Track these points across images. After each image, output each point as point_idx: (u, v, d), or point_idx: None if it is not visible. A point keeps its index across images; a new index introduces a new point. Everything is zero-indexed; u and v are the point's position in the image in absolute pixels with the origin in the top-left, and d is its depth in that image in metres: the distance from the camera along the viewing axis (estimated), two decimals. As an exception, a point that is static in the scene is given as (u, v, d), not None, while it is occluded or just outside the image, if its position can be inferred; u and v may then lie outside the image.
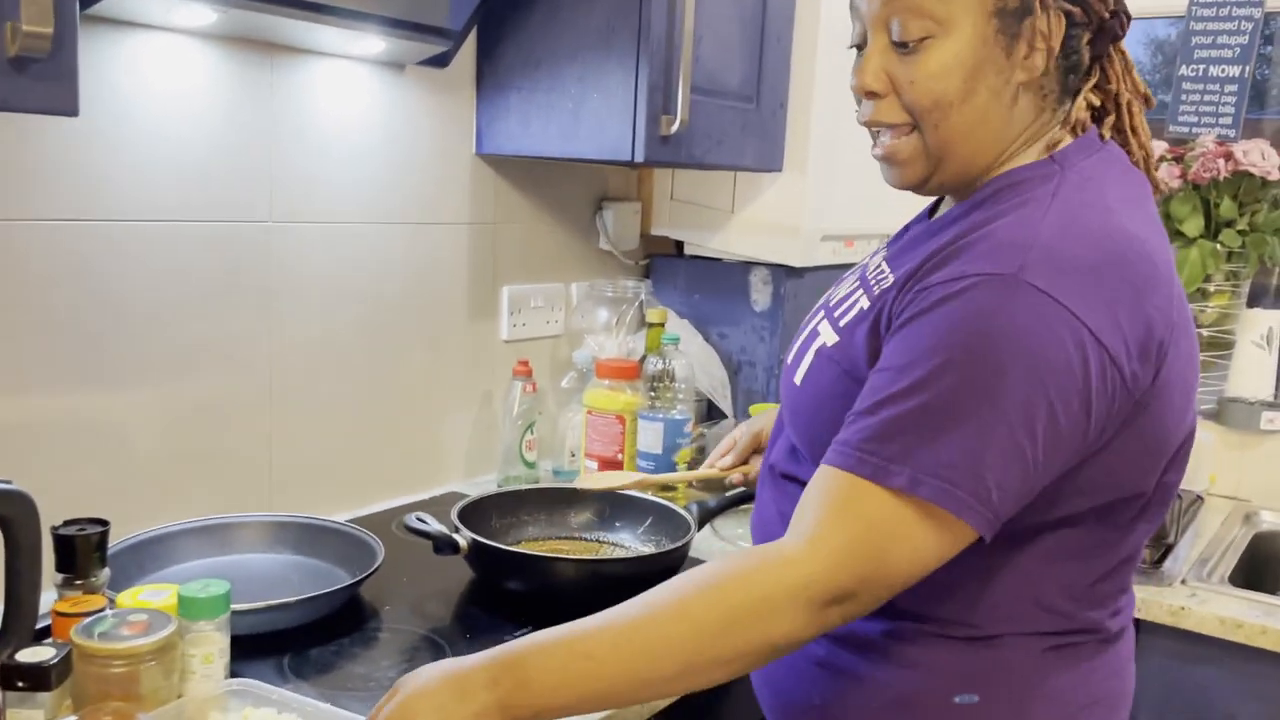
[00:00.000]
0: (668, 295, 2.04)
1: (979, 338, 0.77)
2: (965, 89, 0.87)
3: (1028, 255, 0.79)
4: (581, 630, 0.80)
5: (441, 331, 1.68)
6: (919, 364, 0.79)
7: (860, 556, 0.79)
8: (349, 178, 1.51)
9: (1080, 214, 0.84)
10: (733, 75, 1.65)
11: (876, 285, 0.92)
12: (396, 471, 1.65)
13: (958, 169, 0.91)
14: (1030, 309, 0.77)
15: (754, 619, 0.79)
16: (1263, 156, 1.83)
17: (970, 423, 0.77)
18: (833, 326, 0.95)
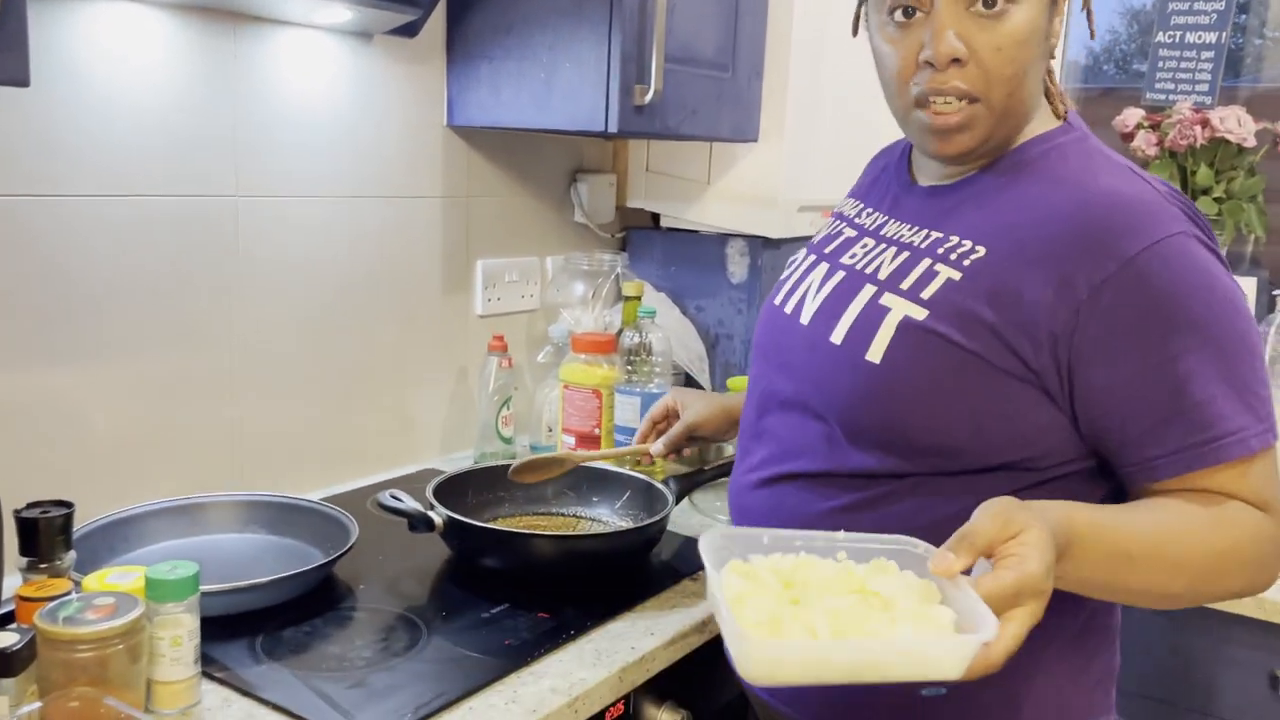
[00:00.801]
0: (644, 268, 2.02)
1: (1217, 290, 0.87)
2: (1033, 57, 0.91)
3: (1172, 210, 0.88)
4: (1127, 528, 0.84)
5: (415, 307, 1.66)
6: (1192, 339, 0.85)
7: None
8: (316, 151, 1.47)
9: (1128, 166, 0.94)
10: (707, 44, 1.62)
11: (955, 255, 0.93)
12: (370, 449, 1.63)
13: (1006, 135, 0.95)
14: (1209, 255, 0.88)
15: (1255, 566, 0.87)
16: (1239, 123, 1.82)
17: (1255, 361, 0.88)
18: (910, 299, 0.93)
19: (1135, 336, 0.86)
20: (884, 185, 1.10)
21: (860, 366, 0.93)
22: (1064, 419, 0.90)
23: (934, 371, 0.90)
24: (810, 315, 1.02)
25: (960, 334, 0.89)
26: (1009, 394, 0.89)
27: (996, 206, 0.94)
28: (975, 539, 0.75)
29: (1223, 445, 0.86)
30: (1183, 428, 0.86)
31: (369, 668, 1.04)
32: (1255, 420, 0.86)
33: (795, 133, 1.83)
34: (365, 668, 1.04)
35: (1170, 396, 0.86)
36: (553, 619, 1.15)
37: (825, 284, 1.03)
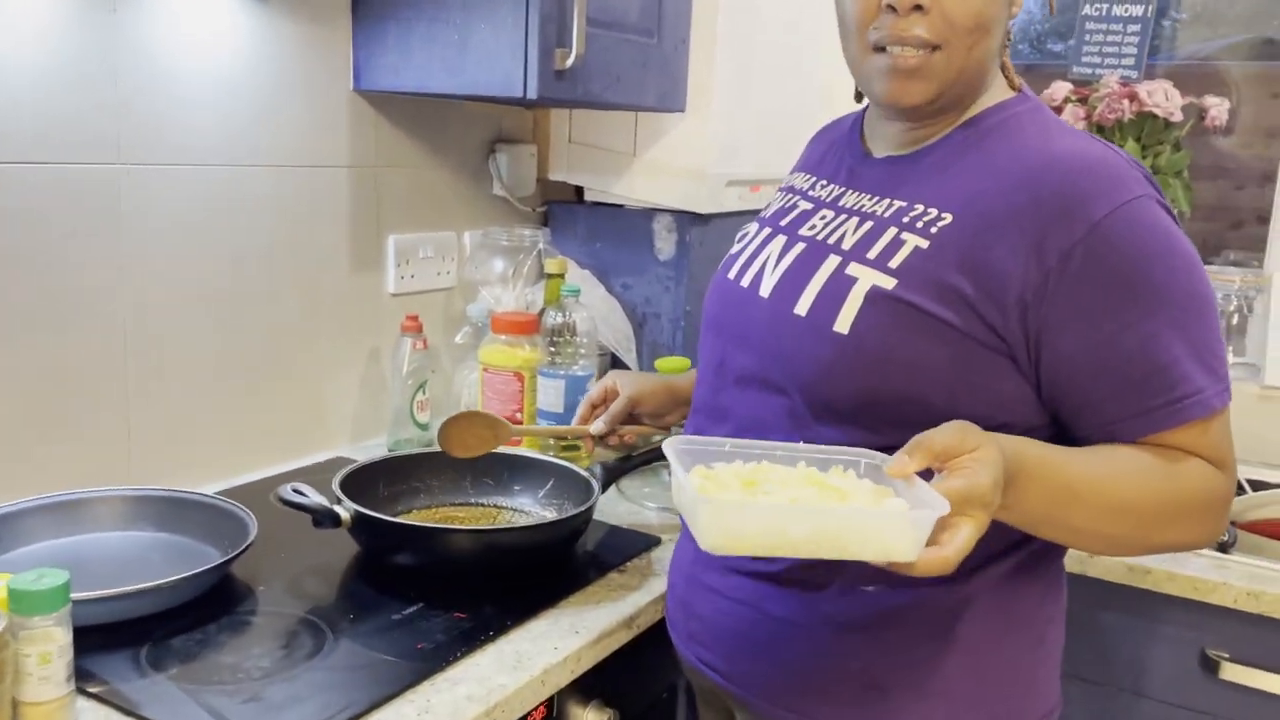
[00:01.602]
0: (567, 244, 1.94)
1: (1178, 254, 0.87)
2: (994, 15, 0.90)
3: (1133, 173, 0.88)
4: (1076, 465, 0.86)
5: (321, 284, 1.56)
6: (1155, 302, 0.86)
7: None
8: (209, 115, 1.36)
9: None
10: (631, 7, 1.54)
11: (921, 223, 0.92)
12: (274, 437, 1.52)
13: (962, 93, 0.94)
14: (1169, 219, 0.88)
15: (1201, 518, 0.89)
16: (1166, 97, 1.81)
17: (1212, 322, 0.88)
18: (877, 269, 0.92)
19: (1102, 301, 0.86)
20: (836, 158, 1.07)
21: (828, 337, 0.92)
22: (1028, 388, 0.91)
23: (905, 341, 0.89)
24: (770, 288, 0.99)
25: (932, 302, 0.88)
26: (979, 363, 0.89)
27: (959, 172, 0.93)
28: (932, 445, 0.79)
29: (1184, 406, 0.87)
30: (1145, 390, 0.87)
31: (267, 679, 0.95)
32: (1214, 380, 0.88)
33: (723, 104, 1.76)
34: (263, 679, 0.95)
35: (1134, 359, 0.86)
36: (469, 619, 1.07)
37: (785, 256, 1.00)
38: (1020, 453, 0.82)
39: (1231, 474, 0.90)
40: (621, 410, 1.26)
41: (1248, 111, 2.11)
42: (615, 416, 1.26)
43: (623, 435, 1.29)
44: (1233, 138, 2.10)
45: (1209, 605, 1.33)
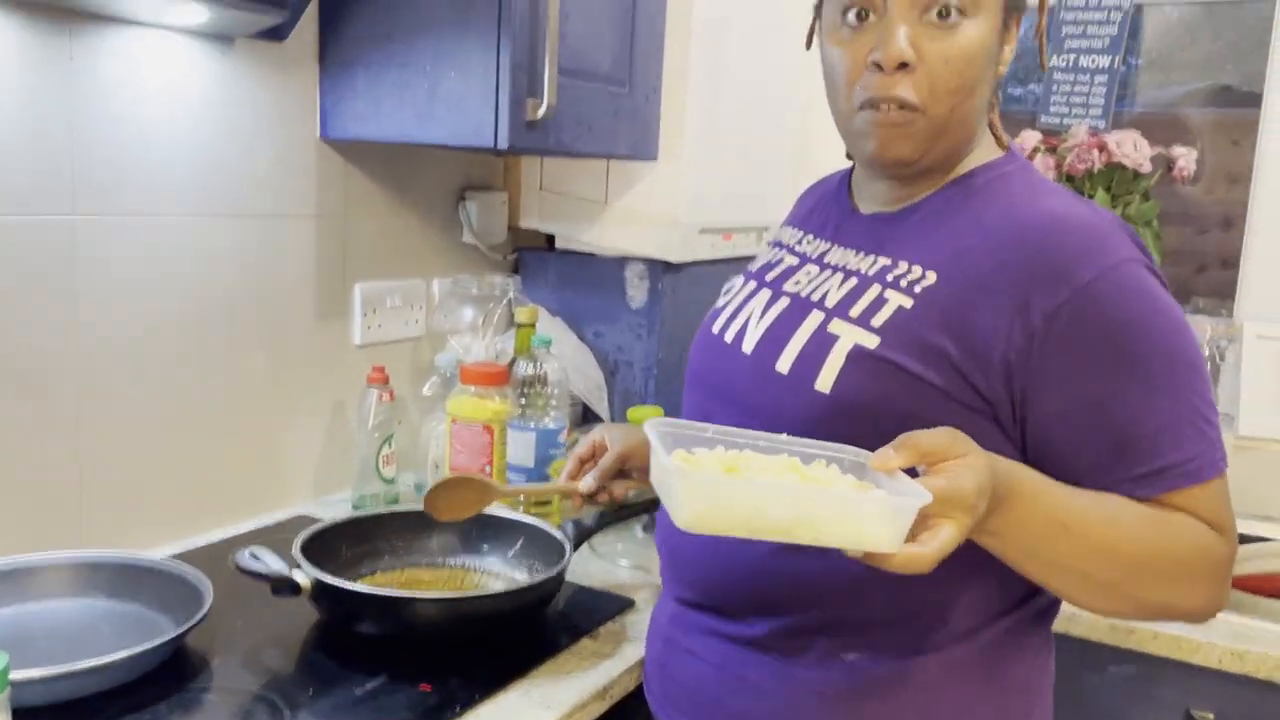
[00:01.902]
0: (538, 292, 1.91)
1: (1167, 316, 0.85)
2: (979, 74, 0.90)
3: (1121, 237, 0.87)
4: (1070, 500, 0.83)
5: (284, 335, 1.51)
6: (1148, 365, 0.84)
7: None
8: (170, 165, 1.32)
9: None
10: (603, 57, 1.53)
11: (905, 281, 0.90)
12: (234, 495, 1.47)
13: (947, 151, 0.93)
14: (1158, 283, 0.87)
15: (1197, 579, 0.85)
16: (1135, 148, 1.82)
17: (1205, 388, 0.86)
18: (860, 326, 0.90)
19: (1089, 364, 0.85)
20: (824, 213, 1.07)
21: (809, 396, 0.90)
22: (1012, 450, 0.88)
23: (887, 401, 0.87)
24: (753, 343, 0.98)
25: (915, 362, 0.87)
26: (964, 425, 0.85)
27: (945, 232, 0.92)
28: (919, 443, 0.76)
29: (1173, 474, 0.84)
30: (1133, 457, 0.85)
31: (220, 763, 0.90)
32: (1207, 446, 0.85)
33: (696, 153, 1.75)
34: None
35: (1120, 425, 0.85)
36: (435, 692, 1.02)
37: (768, 311, 0.99)
38: (1013, 475, 0.80)
39: (1231, 539, 0.87)
40: (612, 465, 1.20)
41: (1209, 157, 2.13)
42: (605, 472, 1.19)
43: (612, 492, 1.22)
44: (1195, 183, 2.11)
45: (1193, 665, 1.31)
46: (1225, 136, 2.15)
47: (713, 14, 1.73)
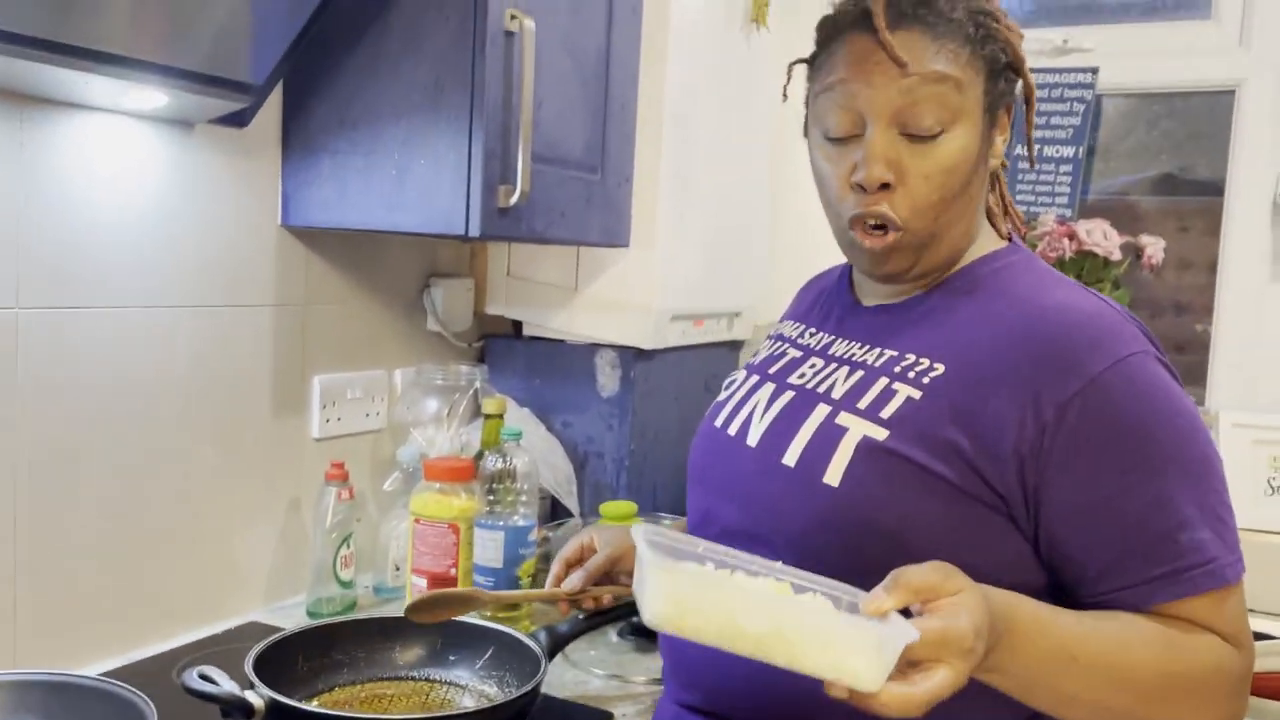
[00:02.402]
0: (504, 381, 1.85)
1: (1178, 416, 0.83)
2: (965, 181, 0.89)
3: (1130, 329, 0.86)
4: (1074, 628, 0.80)
5: (239, 431, 1.43)
6: (1158, 463, 0.81)
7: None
8: (123, 255, 1.26)
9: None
10: (575, 144, 1.50)
11: (914, 373, 0.88)
12: (180, 602, 1.37)
13: (944, 255, 0.92)
14: (1169, 376, 0.85)
15: (1212, 699, 0.82)
16: (1105, 236, 1.83)
17: (1221, 488, 0.84)
18: (869, 419, 0.87)
19: (1100, 458, 0.82)
20: (826, 306, 1.06)
21: (817, 489, 0.87)
22: (1027, 547, 0.86)
23: (897, 494, 0.84)
24: (758, 437, 0.95)
25: (925, 455, 0.84)
26: (976, 520, 0.84)
27: (952, 324, 0.90)
28: (910, 580, 0.73)
29: (1194, 576, 0.81)
30: (1151, 557, 0.82)
31: None
32: (1226, 550, 0.82)
33: (668, 238, 1.72)
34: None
35: (1138, 523, 0.82)
36: (402, 829, 0.94)
37: (773, 404, 0.96)
38: (1012, 608, 0.77)
39: (1249, 652, 0.83)
40: (599, 567, 1.13)
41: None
42: (592, 574, 1.13)
43: (599, 597, 1.15)
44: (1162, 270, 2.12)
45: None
46: (1174, 223, 2.17)
47: (684, 100, 1.72)
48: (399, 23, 1.33)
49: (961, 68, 0.89)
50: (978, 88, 0.90)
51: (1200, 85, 1.98)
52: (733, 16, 1.86)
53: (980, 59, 0.90)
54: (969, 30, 0.90)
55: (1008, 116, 0.95)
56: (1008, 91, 0.93)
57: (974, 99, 0.90)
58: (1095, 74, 2.00)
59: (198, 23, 1.11)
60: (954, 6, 0.91)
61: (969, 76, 0.90)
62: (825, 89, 0.93)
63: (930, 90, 0.88)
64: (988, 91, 0.91)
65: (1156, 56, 1.99)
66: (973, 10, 0.91)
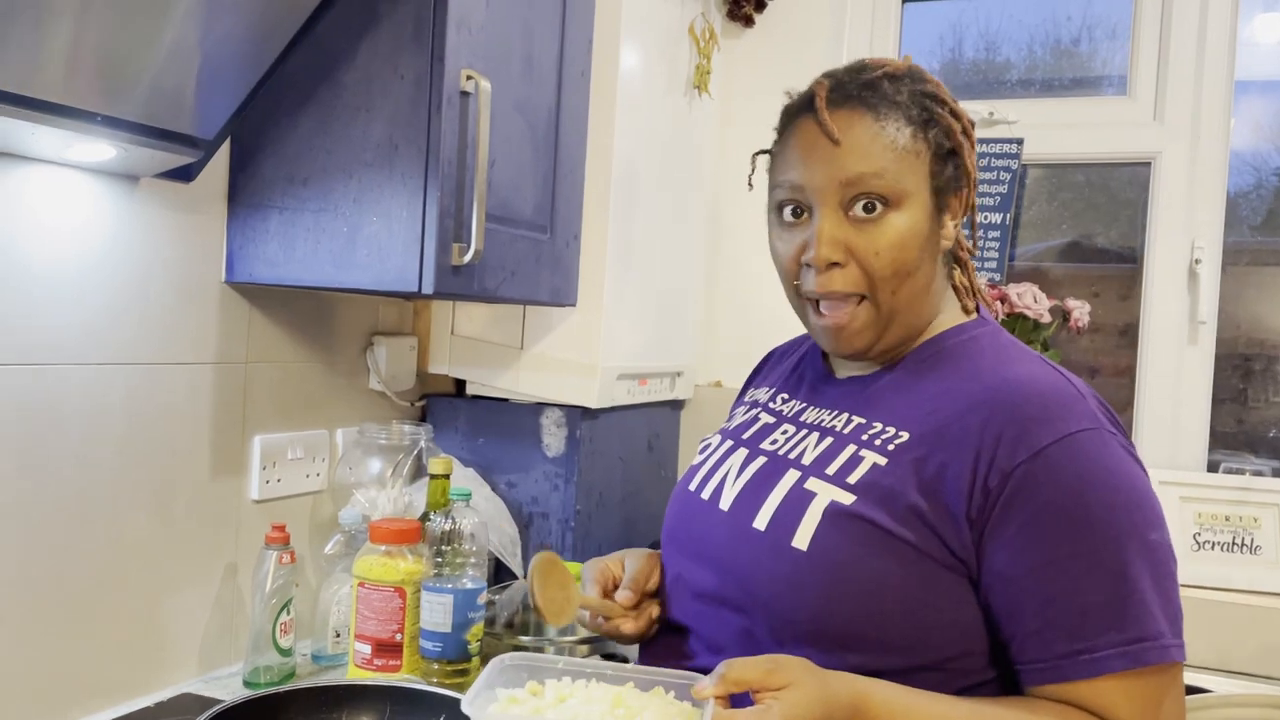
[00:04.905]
0: (447, 440, 1.82)
1: (1122, 490, 0.83)
2: (918, 259, 0.92)
3: (1087, 404, 0.86)
4: (925, 710, 0.82)
5: (173, 493, 1.38)
6: (1091, 541, 0.81)
7: None
8: (59, 310, 1.21)
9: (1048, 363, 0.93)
10: (526, 203, 1.51)
11: (880, 440, 0.89)
12: (108, 674, 1.30)
13: (902, 333, 0.95)
14: (1121, 451, 0.85)
15: None
16: (1035, 299, 1.89)
17: (1163, 572, 0.82)
18: (836, 485, 0.89)
19: (1033, 529, 0.83)
20: (799, 374, 1.08)
21: (786, 554, 0.88)
22: (980, 614, 0.88)
23: (863, 559, 0.85)
24: (730, 501, 0.96)
25: (889, 519, 0.85)
26: (938, 583, 0.85)
27: (918, 393, 0.92)
28: (730, 673, 0.78)
29: (1097, 659, 0.80)
30: (1064, 633, 0.82)
31: None
32: (1151, 633, 0.80)
33: (614, 298, 1.73)
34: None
35: (1052, 598, 0.82)
36: None
37: (746, 469, 0.97)
38: (861, 695, 0.81)
39: None
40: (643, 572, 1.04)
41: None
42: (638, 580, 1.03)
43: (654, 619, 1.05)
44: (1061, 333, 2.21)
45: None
46: (1086, 289, 2.26)
47: (630, 162, 1.74)
48: (353, 81, 1.32)
49: (902, 149, 0.91)
50: (923, 168, 0.92)
51: (1118, 157, 2.08)
52: (675, 83, 1.90)
53: (924, 141, 0.92)
54: (912, 112, 0.92)
55: (958, 200, 0.96)
56: (957, 176, 0.95)
57: (918, 179, 0.92)
58: (1021, 144, 2.08)
59: (148, 76, 1.09)
60: (899, 90, 0.93)
61: (910, 158, 0.92)
62: (777, 172, 0.97)
63: (871, 170, 0.90)
64: (934, 173, 0.93)
65: (1076, 129, 2.08)
66: (918, 93, 0.94)
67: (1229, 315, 2.01)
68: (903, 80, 0.94)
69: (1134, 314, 2.10)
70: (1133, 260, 2.12)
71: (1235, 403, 2.06)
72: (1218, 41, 1.96)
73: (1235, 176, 2.01)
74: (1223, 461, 1.92)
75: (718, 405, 1.49)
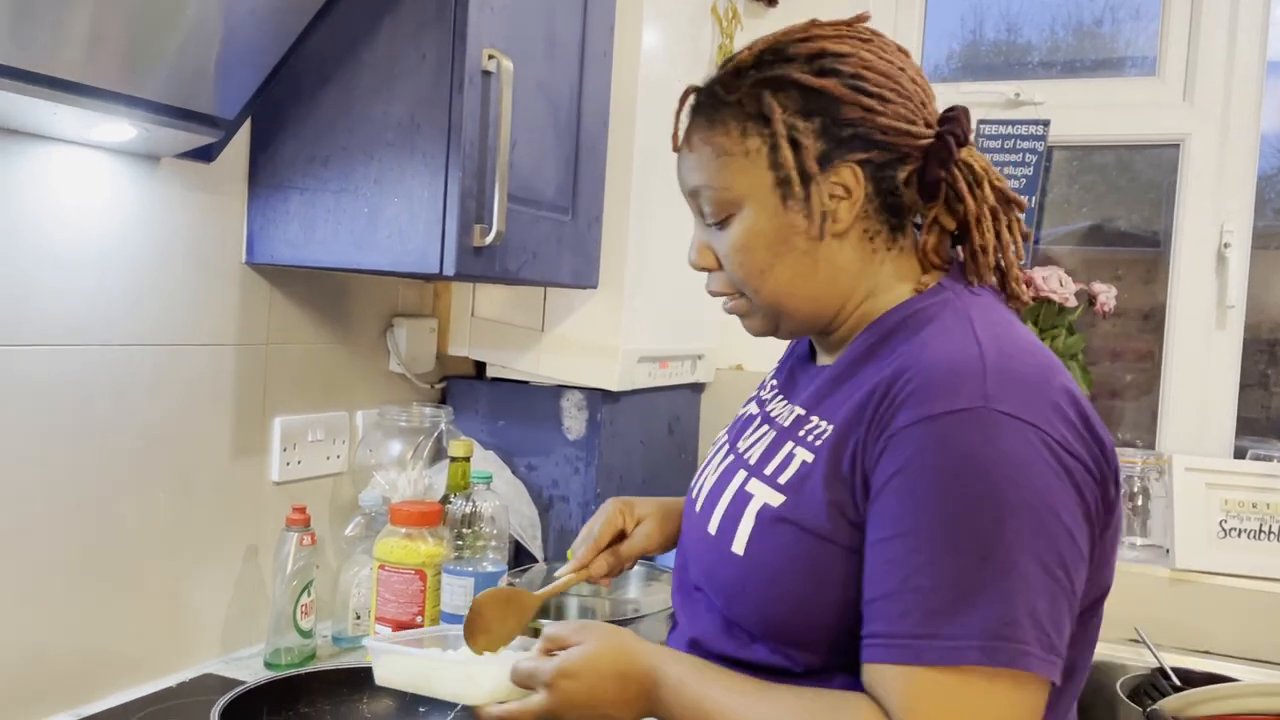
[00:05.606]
0: (467, 423, 1.82)
1: (977, 480, 0.74)
2: (770, 256, 0.89)
3: (986, 383, 0.77)
4: (712, 689, 0.83)
5: (195, 475, 1.38)
6: (927, 525, 0.75)
7: None
8: (81, 291, 1.21)
9: (1001, 331, 0.83)
10: (547, 184, 1.49)
11: (811, 436, 0.86)
12: (132, 654, 1.31)
13: (800, 320, 0.93)
14: (1010, 437, 0.75)
15: None
16: (1060, 283, 1.86)
17: (1006, 571, 0.73)
18: (770, 485, 0.87)
19: (883, 503, 0.78)
20: (791, 364, 1.04)
21: (727, 559, 0.88)
22: None
23: (793, 562, 0.83)
24: (701, 503, 0.96)
25: (815, 519, 0.82)
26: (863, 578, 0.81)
27: (850, 380, 0.88)
28: (548, 632, 0.90)
29: (877, 644, 0.76)
30: (871, 613, 0.78)
31: None
32: (933, 629, 0.73)
33: (635, 281, 1.72)
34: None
35: (871, 575, 0.78)
36: None
37: (719, 469, 0.97)
38: (656, 669, 0.85)
39: None
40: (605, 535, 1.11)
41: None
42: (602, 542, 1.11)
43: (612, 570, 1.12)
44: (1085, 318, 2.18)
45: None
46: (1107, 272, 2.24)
47: (651, 143, 1.72)
48: (374, 60, 1.31)
49: (729, 154, 0.88)
50: (758, 165, 0.87)
51: (1146, 139, 2.05)
52: (698, 63, 1.88)
53: (759, 136, 0.87)
54: (748, 109, 0.88)
55: (841, 180, 0.87)
56: (835, 151, 0.86)
57: (752, 179, 0.87)
58: (1047, 126, 2.05)
59: (168, 55, 1.09)
60: (739, 85, 0.88)
61: (739, 160, 0.88)
62: None
63: (703, 182, 0.91)
64: (777, 164, 0.87)
65: (1103, 110, 2.05)
66: (762, 81, 0.88)
67: (1256, 300, 1.98)
68: (748, 72, 0.89)
69: (1156, 298, 2.07)
70: (1155, 244, 2.10)
71: (1262, 388, 2.03)
72: (1250, 21, 1.92)
73: (1262, 159, 1.98)
74: (1250, 448, 1.90)
75: (739, 389, 1.49)
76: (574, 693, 0.85)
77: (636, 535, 1.12)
